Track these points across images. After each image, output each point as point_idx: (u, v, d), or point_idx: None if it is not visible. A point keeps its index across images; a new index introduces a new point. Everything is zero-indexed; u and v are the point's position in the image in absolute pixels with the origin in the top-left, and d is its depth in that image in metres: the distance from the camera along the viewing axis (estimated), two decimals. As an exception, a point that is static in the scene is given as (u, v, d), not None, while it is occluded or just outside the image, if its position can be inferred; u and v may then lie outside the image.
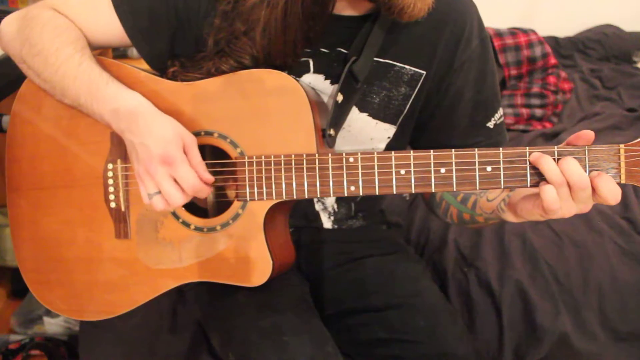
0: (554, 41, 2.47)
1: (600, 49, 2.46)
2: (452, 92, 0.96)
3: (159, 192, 0.81)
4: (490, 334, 1.18)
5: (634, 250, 1.35)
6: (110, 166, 0.94)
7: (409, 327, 0.99)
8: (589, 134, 0.72)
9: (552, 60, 2.22)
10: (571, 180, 0.70)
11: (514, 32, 2.25)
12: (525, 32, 2.25)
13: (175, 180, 0.80)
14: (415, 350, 0.97)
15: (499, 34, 2.24)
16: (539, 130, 2.05)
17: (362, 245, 1.10)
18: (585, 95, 2.23)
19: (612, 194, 0.70)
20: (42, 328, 1.55)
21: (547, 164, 0.71)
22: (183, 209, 0.90)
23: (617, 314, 1.20)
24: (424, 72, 0.94)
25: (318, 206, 1.06)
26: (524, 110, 2.11)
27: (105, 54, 1.83)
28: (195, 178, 0.81)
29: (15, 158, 1.01)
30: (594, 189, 0.71)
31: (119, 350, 1.15)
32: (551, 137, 1.97)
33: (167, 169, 0.80)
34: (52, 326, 1.55)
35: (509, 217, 0.82)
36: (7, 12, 1.05)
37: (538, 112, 2.11)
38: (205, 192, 0.83)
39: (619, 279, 1.27)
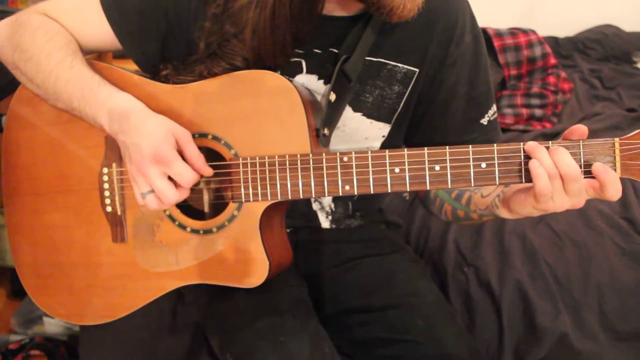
0: (554, 41, 2.47)
1: (600, 49, 2.46)
2: (445, 88, 0.96)
3: (152, 191, 0.81)
4: (490, 334, 1.18)
5: (634, 250, 1.35)
6: (105, 170, 0.94)
7: (408, 327, 0.99)
8: (582, 129, 0.72)
9: (552, 61, 2.22)
10: (562, 171, 0.70)
11: (514, 32, 2.25)
12: (525, 32, 2.25)
13: (169, 178, 0.81)
14: (414, 350, 0.97)
15: (499, 34, 2.24)
16: (539, 130, 2.05)
17: (360, 244, 1.10)
18: (585, 95, 2.23)
19: (617, 193, 0.70)
20: (42, 328, 1.55)
21: (540, 153, 0.71)
22: (179, 211, 0.90)
23: (617, 314, 1.20)
24: (417, 70, 0.94)
25: (315, 206, 1.06)
26: (524, 111, 2.11)
27: (104, 55, 1.83)
28: (192, 172, 0.81)
29: (12, 164, 1.01)
30: (601, 184, 0.70)
31: (119, 350, 1.15)
32: (551, 137, 1.97)
33: (161, 168, 0.80)
34: (52, 326, 1.55)
35: (503, 213, 0.82)
36: (7, 12, 1.05)
37: (538, 112, 2.11)
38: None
39: (619, 279, 1.27)
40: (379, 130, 0.99)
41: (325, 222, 1.07)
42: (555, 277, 1.28)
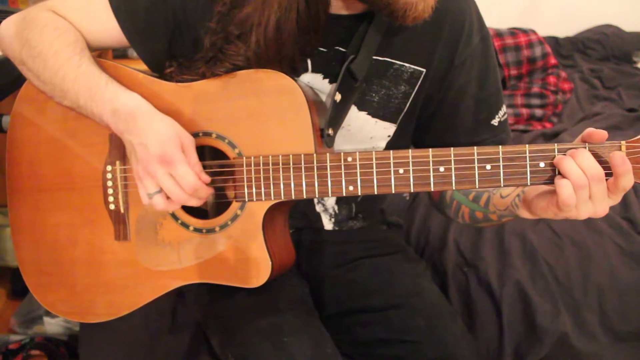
0: (554, 41, 2.47)
1: (600, 49, 2.46)
2: (454, 89, 0.95)
3: (160, 191, 0.81)
4: (490, 334, 1.18)
5: (634, 250, 1.35)
6: (109, 168, 0.94)
7: (409, 328, 0.99)
8: (602, 133, 0.71)
9: (552, 60, 2.22)
10: (589, 173, 0.69)
11: (514, 32, 2.25)
12: (525, 32, 2.25)
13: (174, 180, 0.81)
14: (415, 350, 0.97)
15: (499, 34, 2.24)
16: (539, 130, 2.05)
17: (362, 245, 1.10)
18: (585, 95, 2.23)
19: (630, 182, 0.70)
20: (42, 328, 1.55)
21: (567, 164, 0.70)
22: (182, 210, 0.90)
23: (617, 314, 1.20)
24: (424, 70, 0.93)
25: (319, 207, 1.06)
26: (524, 110, 2.11)
27: (104, 54, 1.83)
28: (195, 177, 0.81)
29: (16, 160, 1.01)
30: (615, 175, 0.69)
31: (119, 350, 1.15)
32: (551, 137, 1.97)
33: (166, 168, 0.80)
34: (52, 326, 1.55)
35: (524, 214, 0.81)
36: (7, 12, 1.05)
37: (538, 112, 2.11)
38: (205, 192, 0.83)
39: (619, 279, 1.27)
40: (384, 130, 0.98)
41: (328, 224, 1.07)
42: (555, 277, 1.28)
